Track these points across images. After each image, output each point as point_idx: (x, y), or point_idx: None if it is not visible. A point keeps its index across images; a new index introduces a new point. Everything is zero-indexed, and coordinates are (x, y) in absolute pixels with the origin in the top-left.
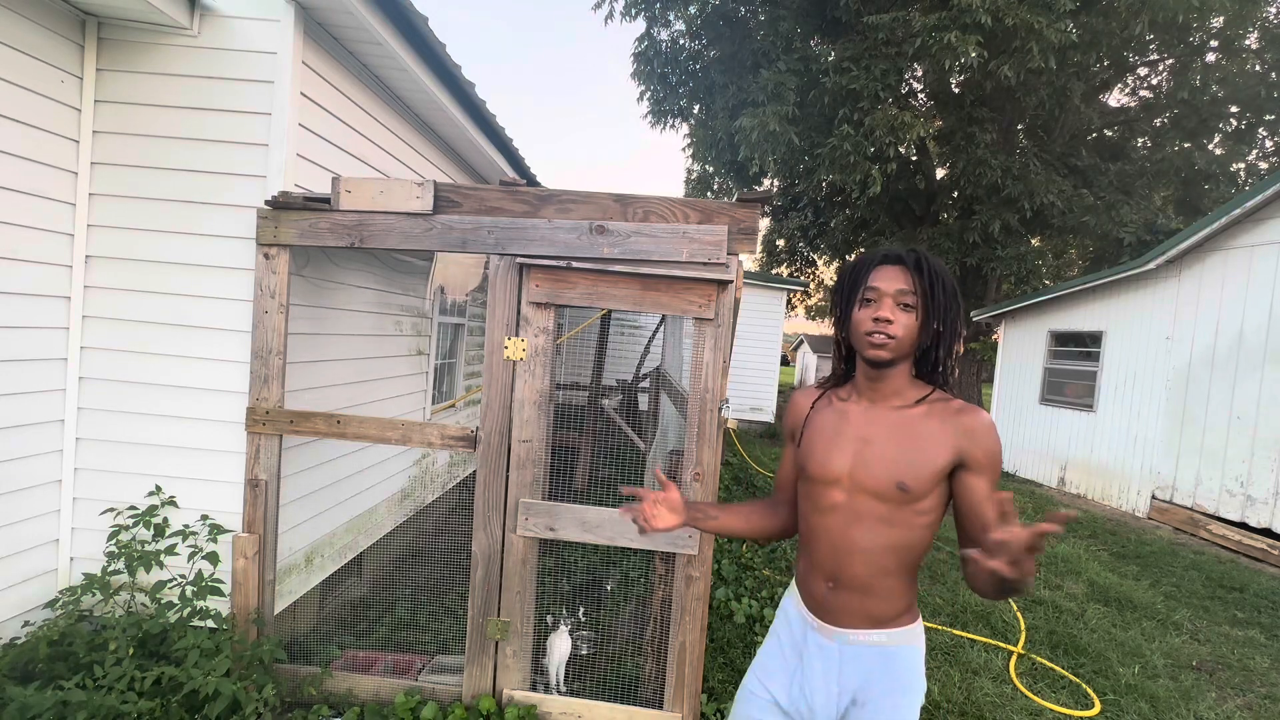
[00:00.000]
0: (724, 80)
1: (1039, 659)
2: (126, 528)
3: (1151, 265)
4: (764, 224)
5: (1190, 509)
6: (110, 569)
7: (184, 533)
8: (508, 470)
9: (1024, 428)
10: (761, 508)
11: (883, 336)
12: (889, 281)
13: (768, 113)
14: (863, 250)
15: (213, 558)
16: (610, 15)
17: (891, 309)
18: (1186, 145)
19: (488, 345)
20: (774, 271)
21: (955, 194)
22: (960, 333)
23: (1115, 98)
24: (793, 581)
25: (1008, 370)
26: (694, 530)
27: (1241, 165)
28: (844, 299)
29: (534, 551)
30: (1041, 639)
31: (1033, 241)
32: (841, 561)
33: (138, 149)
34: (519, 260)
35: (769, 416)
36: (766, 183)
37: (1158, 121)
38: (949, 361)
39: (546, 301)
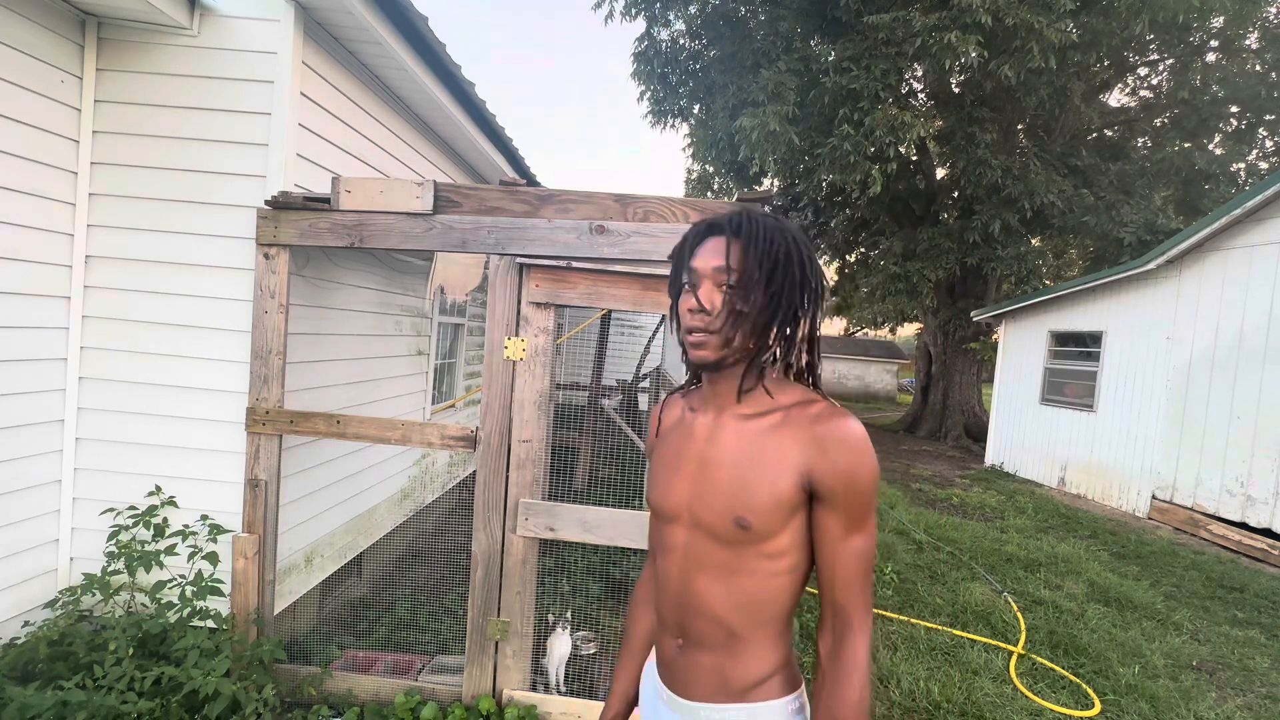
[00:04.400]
0: (724, 80)
1: (1039, 659)
2: (126, 528)
3: (1151, 265)
4: None
5: (1190, 509)
6: (110, 569)
7: (184, 533)
8: (508, 470)
9: (1024, 428)
10: (649, 606)
11: (700, 333)
12: (706, 257)
13: (768, 113)
14: (862, 250)
15: (212, 558)
16: (610, 15)
17: (709, 294)
18: (1186, 145)
19: (488, 345)
20: None
21: (955, 194)
22: (804, 314)
23: (1115, 98)
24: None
25: (1008, 370)
26: None
27: (1241, 165)
28: (673, 284)
29: (534, 551)
30: (1041, 639)
31: (1033, 241)
32: (687, 616)
33: (138, 149)
34: (519, 260)
35: None
36: (766, 183)
37: (1158, 121)
38: (800, 355)
39: (546, 301)
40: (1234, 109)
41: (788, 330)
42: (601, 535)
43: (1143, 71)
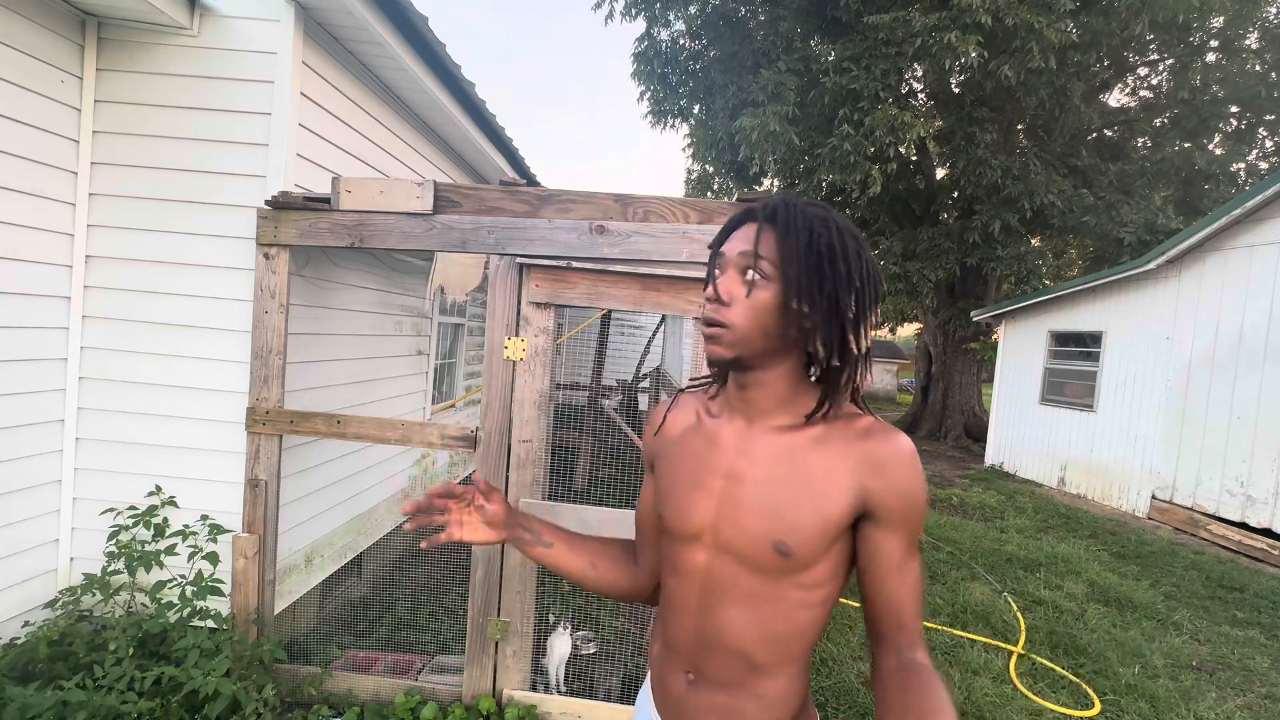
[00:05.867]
0: (724, 80)
1: (1039, 659)
2: (126, 528)
3: (1151, 265)
4: None
5: (1190, 509)
6: (110, 569)
7: (184, 533)
8: (508, 470)
9: (1024, 428)
10: (618, 552)
11: (714, 326)
12: (735, 243)
13: (768, 113)
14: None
15: (213, 558)
16: (610, 15)
17: (729, 283)
18: (1186, 145)
19: (488, 345)
20: None
21: (955, 194)
22: (848, 314)
23: (1115, 98)
24: (648, 675)
25: (1008, 370)
26: None
27: (1241, 165)
28: (707, 276)
29: None
30: (1041, 639)
31: (1033, 241)
32: (704, 648)
33: (138, 149)
34: (519, 260)
35: None
36: (766, 183)
37: (1158, 121)
38: (839, 361)
39: (546, 301)
40: (1234, 109)
41: (831, 337)
42: (602, 535)
43: (1143, 71)
